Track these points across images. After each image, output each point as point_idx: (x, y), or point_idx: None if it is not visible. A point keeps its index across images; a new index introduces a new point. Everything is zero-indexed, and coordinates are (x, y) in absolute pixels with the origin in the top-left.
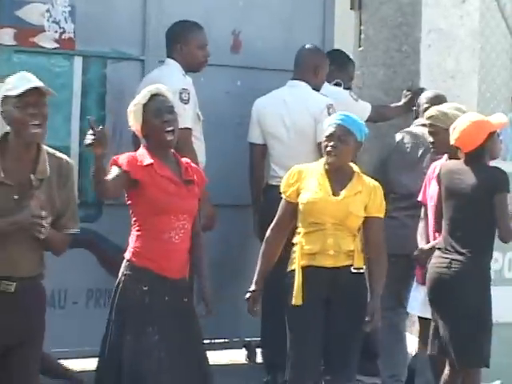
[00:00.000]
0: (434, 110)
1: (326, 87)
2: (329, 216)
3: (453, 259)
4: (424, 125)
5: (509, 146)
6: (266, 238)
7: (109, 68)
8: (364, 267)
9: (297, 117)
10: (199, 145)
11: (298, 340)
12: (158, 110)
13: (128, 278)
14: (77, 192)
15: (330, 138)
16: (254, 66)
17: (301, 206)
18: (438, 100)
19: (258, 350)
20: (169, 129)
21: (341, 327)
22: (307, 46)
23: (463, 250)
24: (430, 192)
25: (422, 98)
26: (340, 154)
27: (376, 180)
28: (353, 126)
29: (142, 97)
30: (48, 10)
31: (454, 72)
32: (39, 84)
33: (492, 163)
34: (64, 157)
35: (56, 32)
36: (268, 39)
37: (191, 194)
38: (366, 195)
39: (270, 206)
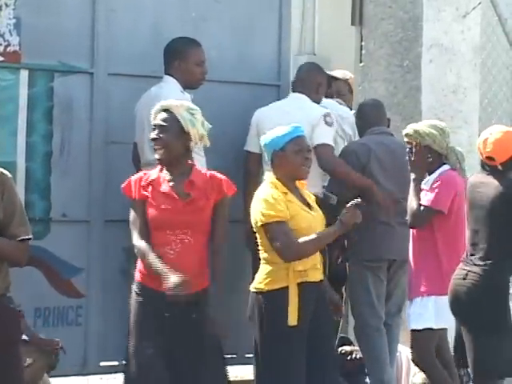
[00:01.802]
0: (408, 128)
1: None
2: (314, 231)
3: (469, 271)
4: None
5: None
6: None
7: (56, 81)
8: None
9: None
10: (199, 159)
11: (292, 365)
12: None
13: (134, 294)
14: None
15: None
16: (208, 79)
17: (294, 232)
18: None
19: None
20: (155, 147)
21: (326, 331)
22: (311, 63)
23: (481, 263)
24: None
25: None
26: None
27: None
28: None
29: (153, 112)
30: None
31: (456, 87)
32: None
33: None
34: None
35: (0, 45)
36: (224, 51)
37: (190, 208)
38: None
39: None
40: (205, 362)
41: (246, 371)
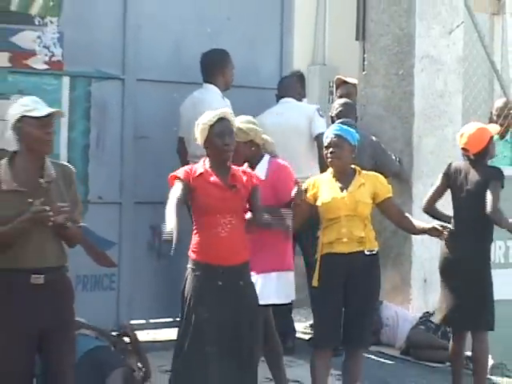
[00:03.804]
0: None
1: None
2: (342, 209)
3: (456, 243)
4: None
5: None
6: None
7: (93, 86)
8: (376, 249)
9: (293, 121)
10: None
11: (319, 312)
12: (221, 132)
13: (189, 269)
14: None
15: (327, 146)
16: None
17: (319, 208)
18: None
19: None
20: (228, 149)
21: (357, 303)
22: (292, 74)
23: (468, 237)
24: None
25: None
26: (338, 158)
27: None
28: (346, 133)
29: (210, 118)
30: (39, 37)
31: (443, 92)
32: (56, 109)
33: None
34: (65, 164)
35: (46, 55)
36: (232, 60)
37: (235, 196)
38: (370, 186)
39: None
40: (249, 322)
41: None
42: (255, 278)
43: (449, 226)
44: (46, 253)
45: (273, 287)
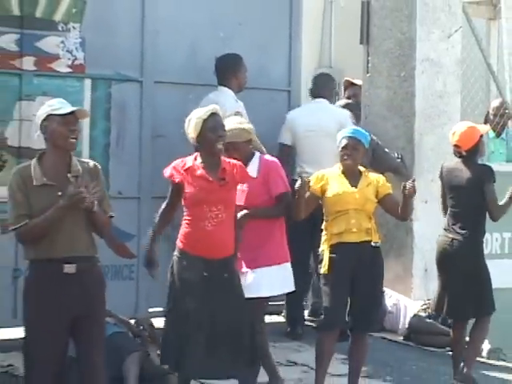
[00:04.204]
0: (228, 129)
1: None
2: (352, 203)
3: (454, 238)
4: None
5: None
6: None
7: (113, 88)
8: (379, 242)
9: (324, 123)
10: None
11: (330, 297)
12: (215, 126)
13: (176, 258)
14: None
15: (344, 148)
16: None
17: (328, 200)
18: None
19: None
20: (221, 142)
21: (365, 290)
22: (326, 73)
23: (461, 231)
24: None
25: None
26: (353, 160)
27: None
28: (361, 137)
29: (202, 113)
30: (62, 42)
31: (442, 92)
32: (77, 108)
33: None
34: (91, 161)
35: (69, 59)
36: (245, 63)
37: (224, 188)
38: (374, 186)
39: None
40: (235, 311)
41: None
42: (260, 270)
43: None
44: (77, 244)
45: (279, 278)
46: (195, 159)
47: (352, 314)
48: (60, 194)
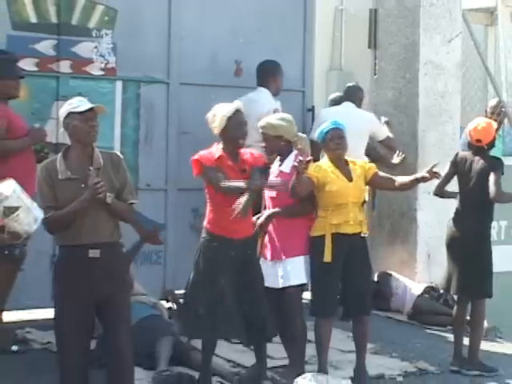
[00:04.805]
0: (264, 122)
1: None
2: (351, 196)
3: (462, 221)
4: None
5: None
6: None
7: (142, 89)
8: (367, 233)
9: (354, 124)
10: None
11: (325, 285)
12: (239, 123)
13: (205, 240)
14: None
15: (333, 138)
16: (252, 86)
17: (328, 193)
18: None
19: None
20: (243, 137)
21: (358, 277)
22: (356, 85)
23: (468, 216)
24: None
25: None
26: (344, 148)
27: None
28: (343, 127)
29: (227, 110)
30: (96, 47)
31: (443, 93)
32: (94, 105)
33: None
34: (113, 152)
35: (102, 63)
36: None
37: (244, 177)
38: (362, 174)
39: None
40: (254, 283)
41: None
42: (288, 261)
43: (434, 165)
44: (100, 231)
45: (303, 268)
46: (220, 150)
47: (349, 300)
48: (83, 186)
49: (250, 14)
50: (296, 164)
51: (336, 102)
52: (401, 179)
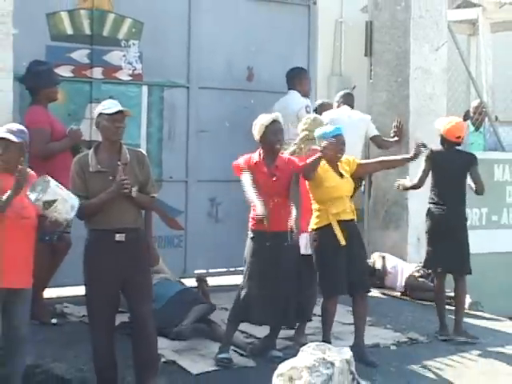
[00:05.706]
0: (307, 118)
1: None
2: (345, 191)
3: (443, 209)
4: None
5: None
6: None
7: (165, 92)
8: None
9: (357, 123)
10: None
11: (334, 267)
12: (275, 131)
13: (249, 235)
14: None
15: (338, 144)
16: (262, 90)
17: (326, 189)
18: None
19: None
20: (280, 144)
21: (358, 258)
22: (349, 92)
23: (449, 204)
24: None
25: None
26: (343, 153)
27: None
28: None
29: (266, 120)
30: (124, 55)
31: (431, 95)
32: (123, 108)
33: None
34: (139, 149)
35: (130, 69)
36: (272, 72)
37: (277, 183)
38: (347, 168)
39: None
40: (298, 272)
41: None
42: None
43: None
44: (126, 217)
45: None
46: (259, 155)
47: (350, 279)
48: (111, 178)
49: (260, 26)
50: (323, 148)
51: (324, 108)
52: (387, 158)
